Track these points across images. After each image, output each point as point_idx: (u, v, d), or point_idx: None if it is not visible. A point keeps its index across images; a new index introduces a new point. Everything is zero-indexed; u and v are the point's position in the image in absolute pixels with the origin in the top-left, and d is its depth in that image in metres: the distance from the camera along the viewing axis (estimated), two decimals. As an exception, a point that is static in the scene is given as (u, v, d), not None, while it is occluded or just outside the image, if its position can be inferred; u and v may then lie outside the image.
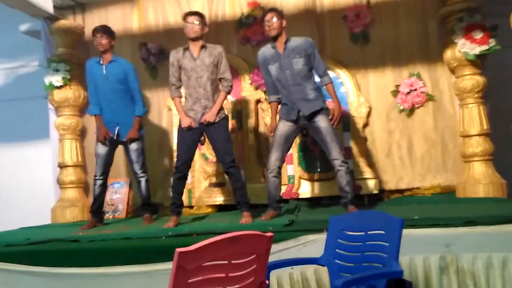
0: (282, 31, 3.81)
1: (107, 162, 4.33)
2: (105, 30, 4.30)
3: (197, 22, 3.86)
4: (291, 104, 3.80)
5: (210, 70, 3.85)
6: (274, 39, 3.82)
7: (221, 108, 3.92)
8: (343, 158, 3.72)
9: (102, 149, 4.28)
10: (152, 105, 5.37)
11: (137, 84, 4.34)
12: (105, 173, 4.33)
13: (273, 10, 3.87)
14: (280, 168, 3.84)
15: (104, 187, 4.36)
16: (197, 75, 3.85)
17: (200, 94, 3.85)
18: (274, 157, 3.81)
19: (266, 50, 3.90)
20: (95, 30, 4.30)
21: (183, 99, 4.04)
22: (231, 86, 3.97)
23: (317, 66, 3.84)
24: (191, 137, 3.87)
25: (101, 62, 4.30)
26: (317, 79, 3.91)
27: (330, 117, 3.76)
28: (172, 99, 4.03)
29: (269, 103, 4.03)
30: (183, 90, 4.04)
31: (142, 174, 4.34)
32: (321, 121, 3.73)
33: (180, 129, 3.91)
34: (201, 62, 3.84)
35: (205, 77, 3.84)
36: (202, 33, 3.90)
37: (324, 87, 3.87)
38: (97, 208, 4.37)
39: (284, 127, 3.84)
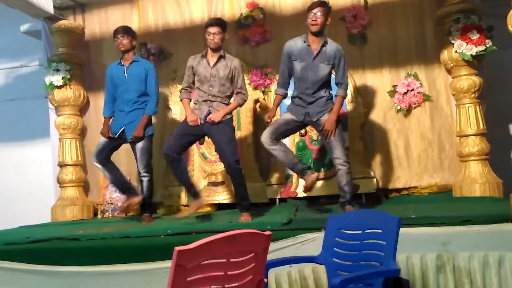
0: (323, 30, 3.70)
1: (102, 149, 4.26)
2: (126, 30, 4.30)
3: (219, 33, 3.79)
4: (302, 103, 3.74)
5: (222, 82, 3.84)
6: (313, 34, 3.67)
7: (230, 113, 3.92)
8: (346, 158, 3.70)
9: (104, 139, 4.29)
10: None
11: (156, 85, 4.32)
12: (103, 157, 4.26)
13: (323, 4, 3.68)
14: (272, 137, 3.69)
15: (108, 165, 4.28)
16: (209, 83, 3.85)
17: (208, 99, 3.86)
18: (265, 132, 3.73)
19: (295, 45, 3.74)
20: (116, 32, 4.30)
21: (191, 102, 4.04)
22: (245, 100, 3.98)
23: (339, 75, 3.73)
24: (191, 132, 3.85)
25: (122, 63, 4.31)
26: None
27: (321, 128, 3.68)
28: (181, 100, 4.03)
29: (275, 93, 3.93)
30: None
31: (145, 174, 4.31)
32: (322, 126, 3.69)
33: (184, 122, 3.91)
34: (216, 72, 3.83)
35: (216, 88, 3.84)
36: (222, 43, 3.86)
37: (335, 96, 3.77)
38: (123, 188, 4.37)
39: (290, 117, 3.78)
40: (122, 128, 4.27)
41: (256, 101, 5.06)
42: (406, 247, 2.72)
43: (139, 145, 4.27)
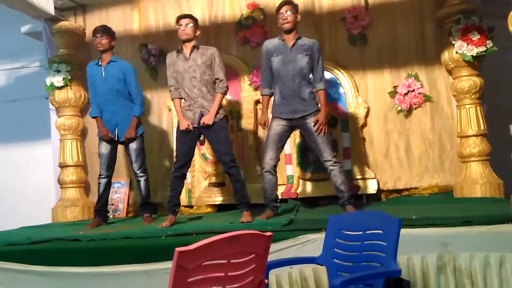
0: (295, 26, 3.80)
1: (110, 161, 4.36)
2: (105, 30, 4.33)
3: (191, 25, 3.89)
4: (285, 100, 3.78)
5: (202, 70, 3.87)
6: (286, 32, 3.79)
7: (220, 108, 3.93)
8: (335, 159, 3.78)
9: (105, 149, 4.32)
10: (152, 106, 5.40)
11: (136, 85, 4.37)
12: (109, 172, 4.36)
13: (289, 3, 3.81)
14: (275, 166, 3.83)
15: (108, 186, 4.39)
16: (190, 75, 3.87)
17: (195, 94, 3.87)
18: (268, 157, 3.81)
19: (271, 42, 3.90)
20: (95, 30, 4.34)
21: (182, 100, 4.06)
22: (227, 87, 3.97)
23: (317, 70, 3.82)
24: (189, 138, 3.90)
25: (100, 63, 4.34)
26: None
27: (314, 123, 3.72)
28: (172, 100, 4.06)
29: (262, 95, 3.99)
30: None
31: (141, 174, 4.36)
32: (312, 123, 3.73)
33: (179, 130, 3.94)
34: (193, 63, 3.87)
35: (198, 77, 3.86)
36: (194, 35, 3.92)
37: (316, 93, 3.84)
38: (101, 207, 4.40)
39: (278, 126, 3.81)
40: (116, 132, 4.31)
41: (257, 102, 5.06)
42: (407, 248, 2.73)
43: (133, 146, 4.31)
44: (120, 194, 5.20)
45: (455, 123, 4.67)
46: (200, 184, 5.06)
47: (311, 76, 3.86)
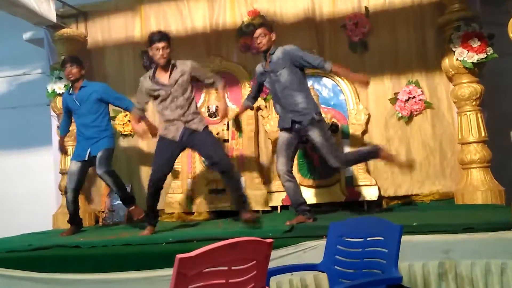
0: (271, 46, 3.87)
1: (78, 176, 4.39)
2: (73, 60, 4.42)
3: (167, 47, 3.69)
4: (284, 116, 3.87)
5: (184, 87, 3.76)
6: (264, 52, 3.88)
7: (202, 118, 3.90)
8: (341, 164, 3.83)
9: (74, 166, 4.38)
10: (149, 111, 5.37)
11: (116, 96, 4.43)
12: (76, 190, 4.41)
13: (261, 25, 3.95)
14: (290, 171, 3.84)
15: (76, 204, 4.46)
16: (172, 96, 3.73)
17: (178, 114, 3.75)
18: (280, 163, 3.84)
19: (259, 67, 4.03)
20: (64, 62, 4.45)
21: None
22: (223, 81, 3.94)
23: (310, 62, 3.79)
24: (170, 150, 3.79)
25: (71, 92, 4.44)
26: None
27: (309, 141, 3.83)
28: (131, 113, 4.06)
29: (242, 103, 4.26)
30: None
31: (107, 178, 4.29)
32: (314, 135, 3.76)
33: (160, 141, 3.82)
34: (174, 83, 3.73)
35: (181, 97, 3.74)
36: (170, 55, 3.74)
37: (331, 73, 3.99)
38: (75, 218, 4.52)
39: (284, 135, 3.89)
40: (89, 151, 4.33)
41: (258, 108, 5.07)
42: (408, 255, 2.72)
43: (98, 154, 4.27)
44: (120, 201, 5.18)
45: (456, 129, 4.67)
46: (201, 191, 5.05)
47: (304, 79, 3.93)
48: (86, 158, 4.35)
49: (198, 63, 3.97)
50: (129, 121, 5.32)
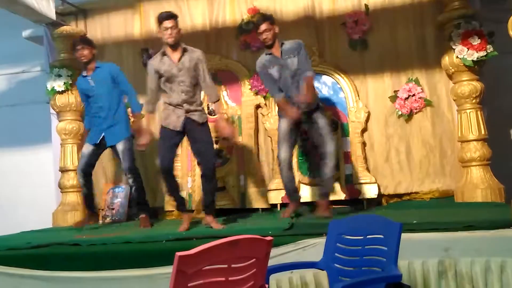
0: (276, 39, 4.00)
1: (89, 159, 4.42)
2: (84, 41, 4.42)
3: (176, 27, 3.73)
4: (291, 102, 3.98)
5: (191, 74, 3.78)
6: (269, 46, 4.02)
7: (204, 112, 3.91)
8: (334, 148, 4.02)
9: (86, 149, 4.42)
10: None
11: (127, 82, 4.43)
12: (88, 169, 4.43)
13: (266, 19, 4.02)
14: (290, 160, 4.06)
15: (88, 188, 4.47)
16: (178, 79, 3.76)
17: (183, 99, 3.78)
18: (282, 150, 4.03)
19: (263, 57, 4.09)
20: (75, 43, 4.42)
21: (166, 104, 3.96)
22: (217, 95, 3.99)
23: (302, 62, 3.98)
24: (173, 139, 3.83)
25: (86, 74, 4.41)
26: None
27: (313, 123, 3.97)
28: (145, 113, 4.02)
29: (278, 101, 4.10)
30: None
31: (129, 175, 4.38)
32: (319, 118, 4.00)
33: (162, 131, 3.86)
34: (182, 66, 3.75)
35: (188, 81, 3.77)
36: (180, 37, 3.80)
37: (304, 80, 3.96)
38: (90, 203, 4.57)
39: (286, 123, 4.03)
40: (102, 135, 4.35)
41: (258, 106, 5.07)
42: (408, 253, 2.72)
43: (120, 147, 4.33)
44: (120, 199, 5.18)
45: (455, 127, 4.67)
46: (201, 188, 5.04)
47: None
48: (98, 142, 4.36)
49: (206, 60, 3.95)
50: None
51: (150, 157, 5.07)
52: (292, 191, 4.16)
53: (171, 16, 3.76)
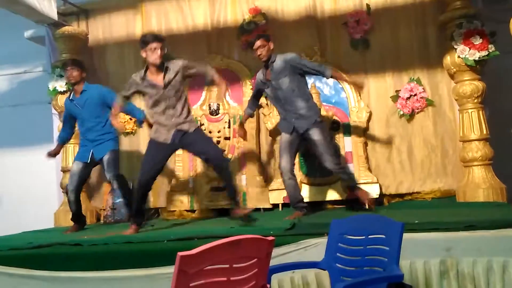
0: (271, 55, 4.04)
1: (79, 177, 4.43)
2: (75, 63, 4.43)
3: (160, 48, 3.65)
4: (287, 121, 4.07)
5: (176, 88, 3.72)
6: (265, 62, 4.05)
7: (193, 121, 3.89)
8: (337, 167, 4.03)
9: (76, 167, 4.44)
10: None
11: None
12: (76, 191, 4.44)
13: (260, 37, 4.08)
14: (292, 169, 4.09)
15: (77, 204, 4.49)
16: (165, 98, 3.70)
17: (169, 116, 3.74)
18: (284, 161, 4.06)
19: (259, 75, 4.20)
20: (66, 63, 4.48)
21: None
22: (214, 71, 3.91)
23: (313, 68, 4.01)
24: (162, 153, 3.77)
25: (73, 97, 4.44)
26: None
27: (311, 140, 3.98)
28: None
29: (241, 116, 4.37)
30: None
31: (114, 182, 4.39)
32: (315, 134, 3.97)
33: (151, 143, 3.80)
34: (168, 83, 3.69)
35: (173, 96, 3.71)
36: (162, 55, 3.70)
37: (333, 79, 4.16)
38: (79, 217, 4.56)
39: (286, 136, 4.09)
40: (91, 152, 4.38)
41: (259, 106, 5.06)
42: (410, 253, 2.72)
43: (105, 157, 4.34)
44: (122, 199, 5.18)
45: (457, 127, 4.67)
46: (203, 188, 5.05)
47: (305, 84, 4.10)
48: (88, 161, 4.40)
49: (190, 61, 3.92)
50: (130, 119, 5.33)
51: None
52: (295, 201, 4.11)
53: (160, 39, 3.73)
